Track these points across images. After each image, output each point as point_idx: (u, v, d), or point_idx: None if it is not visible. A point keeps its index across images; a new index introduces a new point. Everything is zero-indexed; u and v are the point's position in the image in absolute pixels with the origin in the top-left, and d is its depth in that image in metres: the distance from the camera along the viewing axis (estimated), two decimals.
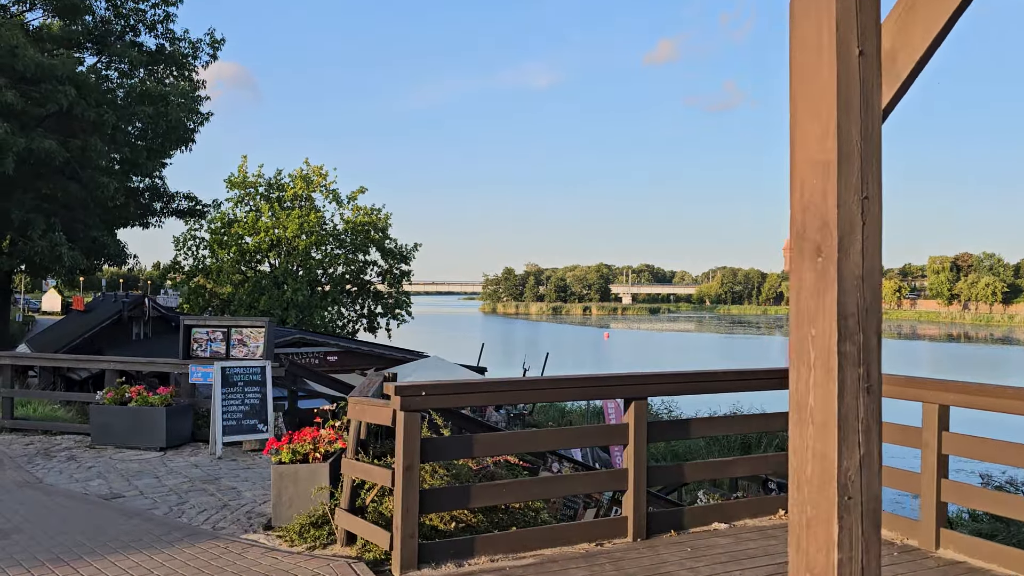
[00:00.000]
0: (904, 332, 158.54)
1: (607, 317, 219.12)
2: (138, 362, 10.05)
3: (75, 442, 9.73)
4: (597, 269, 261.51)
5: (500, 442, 6.14)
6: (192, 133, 22.15)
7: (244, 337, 9.47)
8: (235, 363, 8.99)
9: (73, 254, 19.81)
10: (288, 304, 50.20)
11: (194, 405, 9.71)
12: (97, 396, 9.62)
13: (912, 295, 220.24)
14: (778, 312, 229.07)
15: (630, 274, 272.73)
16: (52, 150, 18.72)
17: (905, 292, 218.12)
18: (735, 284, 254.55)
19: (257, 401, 9.01)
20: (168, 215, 24.87)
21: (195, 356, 9.78)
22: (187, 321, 9.63)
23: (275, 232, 51.55)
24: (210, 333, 9.61)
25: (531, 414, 35.34)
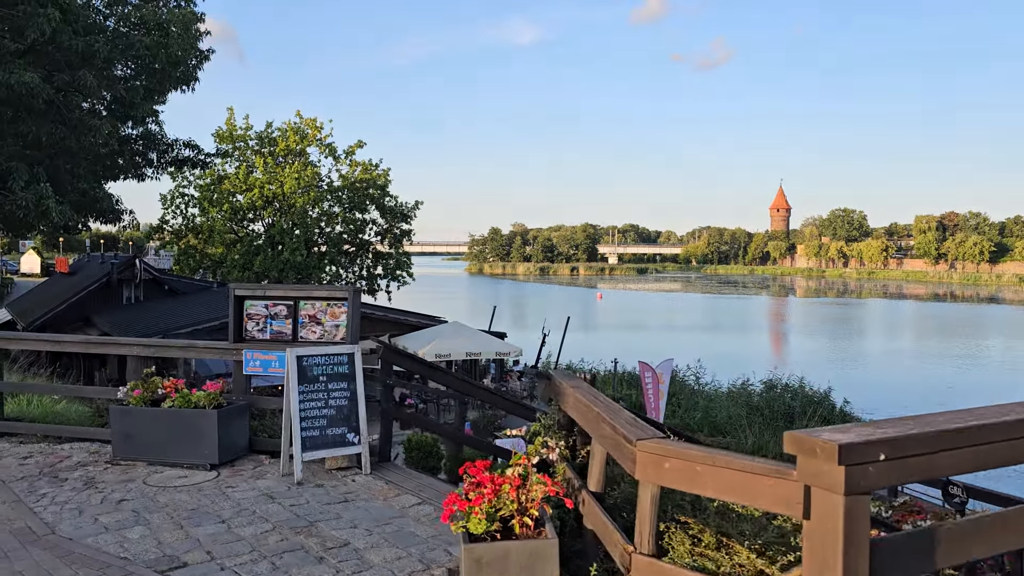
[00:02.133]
0: (891, 292, 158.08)
1: (595, 277, 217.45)
2: (173, 346, 7.46)
3: (89, 453, 7.24)
4: (583, 229, 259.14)
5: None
6: (195, 70, 19.18)
7: (318, 312, 6.97)
8: (313, 349, 6.49)
9: (62, 208, 17.01)
10: (284, 265, 47.45)
11: (251, 404, 7.22)
12: (120, 392, 7.09)
13: (899, 255, 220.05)
14: (764, 272, 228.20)
15: (616, 234, 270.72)
16: (34, 85, 15.83)
17: (892, 252, 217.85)
18: (722, 244, 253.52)
19: (345, 401, 6.53)
20: (167, 166, 21.96)
21: (250, 338, 7.26)
22: (239, 291, 7.08)
23: (269, 188, 48.56)
24: (270, 307, 7.09)
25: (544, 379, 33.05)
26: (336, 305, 6.97)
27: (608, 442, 3.32)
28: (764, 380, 32.82)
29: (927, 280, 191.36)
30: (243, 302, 7.24)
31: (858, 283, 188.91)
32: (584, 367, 40.67)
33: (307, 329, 7.09)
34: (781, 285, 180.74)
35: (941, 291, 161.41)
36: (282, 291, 7.08)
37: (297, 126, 50.64)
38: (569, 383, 4.45)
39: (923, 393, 42.28)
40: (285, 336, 7.18)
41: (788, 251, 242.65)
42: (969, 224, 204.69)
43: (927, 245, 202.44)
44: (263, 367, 7.09)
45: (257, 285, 6.90)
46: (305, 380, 6.41)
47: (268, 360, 7.07)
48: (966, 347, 63.56)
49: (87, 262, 40.25)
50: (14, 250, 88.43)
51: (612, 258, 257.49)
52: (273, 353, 7.07)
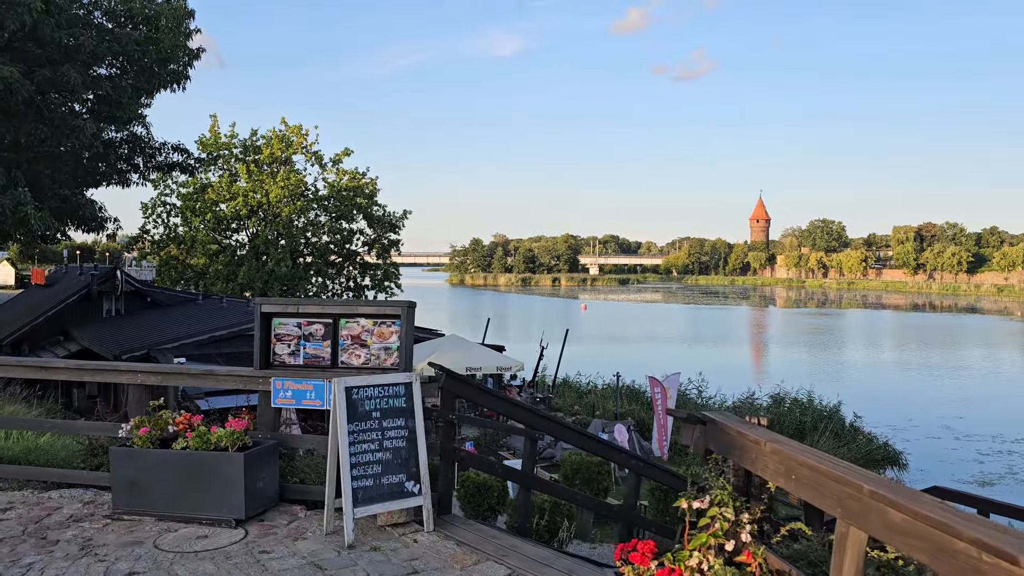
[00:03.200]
0: (872, 302, 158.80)
1: (576, 288, 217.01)
2: (187, 373, 6.19)
3: (84, 504, 5.99)
4: (565, 240, 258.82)
5: None
6: (186, 68, 17.92)
7: (363, 332, 5.79)
8: (364, 379, 5.31)
9: (41, 215, 15.69)
10: (269, 276, 46.04)
11: (281, 444, 6.00)
12: (122, 430, 5.86)
13: (878, 265, 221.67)
14: (745, 282, 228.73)
15: (596, 245, 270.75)
16: (12, 80, 14.53)
17: (871, 262, 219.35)
18: (702, 254, 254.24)
19: (402, 442, 5.34)
20: (154, 171, 20.62)
21: (279, 363, 6.06)
22: (267, 307, 5.89)
23: (254, 197, 47.14)
24: (305, 326, 5.90)
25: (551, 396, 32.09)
26: (385, 324, 5.79)
27: (905, 539, 2.20)
28: (771, 394, 31.88)
29: (906, 290, 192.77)
30: (271, 320, 6.04)
31: (838, 293, 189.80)
32: (581, 381, 39.59)
33: (349, 353, 5.90)
34: (762, 296, 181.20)
35: (921, 301, 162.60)
36: (319, 307, 5.89)
37: (282, 133, 49.30)
38: (754, 433, 3.34)
39: (926, 406, 41.58)
40: (323, 361, 5.98)
41: (768, 261, 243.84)
42: (946, 235, 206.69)
43: (906, 255, 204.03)
44: (296, 399, 5.89)
45: (289, 300, 5.71)
46: (356, 417, 5.21)
47: (303, 391, 5.87)
48: (962, 358, 63.24)
49: (65, 273, 38.62)
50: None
51: (593, 269, 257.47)
52: (309, 382, 5.88)
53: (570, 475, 18.96)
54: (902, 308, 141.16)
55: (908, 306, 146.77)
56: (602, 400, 34.93)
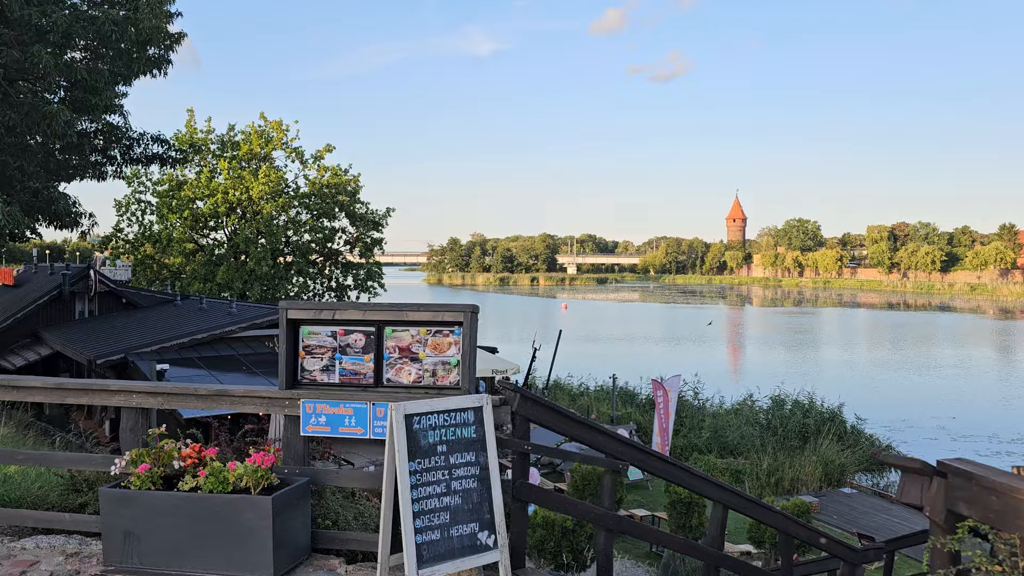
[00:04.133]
0: (849, 300, 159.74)
1: (555, 287, 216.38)
2: (193, 394, 4.98)
3: (67, 557, 4.83)
4: (543, 239, 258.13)
5: None
6: (167, 52, 16.63)
7: (414, 343, 4.69)
8: (425, 404, 4.22)
9: (9, 210, 14.36)
10: (249, 276, 44.58)
11: (314, 481, 4.88)
12: (116, 465, 4.71)
13: (853, 264, 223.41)
14: (722, 281, 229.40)
15: (574, 244, 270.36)
16: None
17: (846, 261, 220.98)
18: (679, 254, 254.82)
19: (473, 483, 4.24)
20: (131, 163, 19.27)
21: (309, 381, 4.94)
22: (294, 312, 4.75)
23: (234, 194, 45.62)
24: (340, 335, 4.80)
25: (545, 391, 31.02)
26: (442, 333, 4.69)
27: None
28: (771, 395, 31.08)
29: (881, 289, 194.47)
30: (299, 329, 4.91)
31: (814, 292, 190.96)
32: (572, 383, 38.58)
33: (397, 369, 4.79)
34: (739, 295, 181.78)
35: (896, 299, 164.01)
36: (359, 312, 4.77)
37: (261, 129, 47.82)
38: None
39: (919, 406, 41.07)
40: (364, 378, 4.86)
41: (745, 261, 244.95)
42: (919, 234, 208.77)
43: (880, 255, 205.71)
44: (332, 426, 4.78)
45: (322, 305, 4.60)
46: (418, 452, 4.11)
47: (340, 415, 4.76)
48: (948, 356, 63.08)
49: (35, 273, 36.94)
50: None
51: (571, 268, 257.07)
52: (348, 405, 4.76)
53: (580, 487, 17.97)
54: (878, 306, 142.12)
55: (883, 304, 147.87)
56: (596, 403, 33.96)
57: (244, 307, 27.51)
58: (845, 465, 25.96)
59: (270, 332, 25.73)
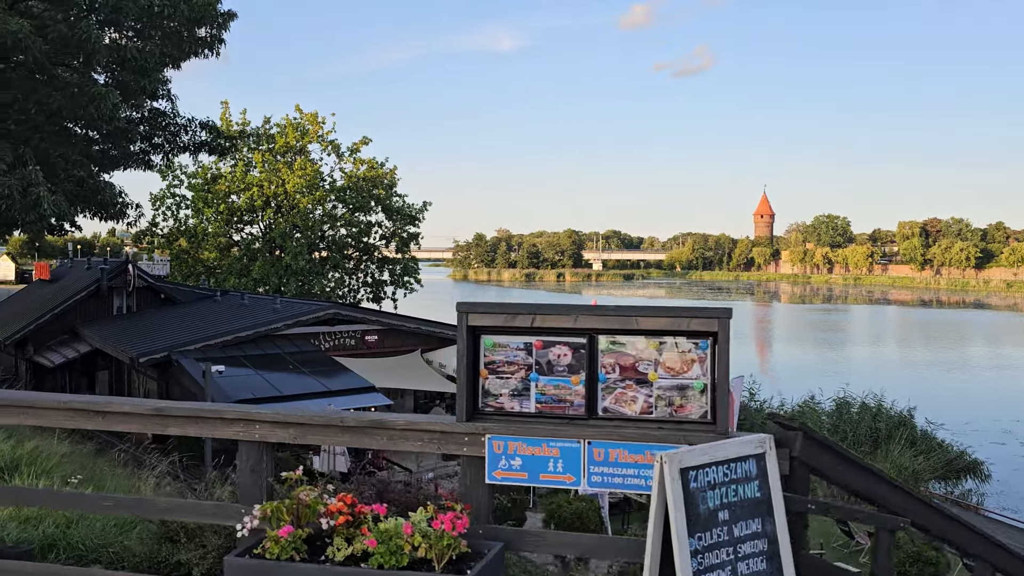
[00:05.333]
0: (876, 297, 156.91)
1: (581, 283, 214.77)
2: (340, 424, 3.70)
3: None
4: (569, 235, 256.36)
5: None
6: (220, 31, 15.50)
7: (641, 359, 3.45)
8: (700, 454, 2.95)
9: (56, 199, 13.30)
10: (285, 271, 43.69)
11: (509, 547, 3.62)
12: (243, 526, 3.50)
13: (884, 260, 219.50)
14: (750, 278, 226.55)
15: (599, 240, 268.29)
16: (23, 36, 12.13)
17: (877, 257, 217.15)
18: (706, 250, 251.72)
19: (762, 564, 2.99)
20: (178, 151, 18.19)
21: (491, 409, 3.69)
22: (477, 317, 3.54)
23: (269, 187, 44.75)
24: (538, 347, 3.55)
25: None
26: (680, 347, 3.43)
27: None
28: (834, 397, 29.55)
29: (914, 286, 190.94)
30: (479, 339, 3.68)
31: (844, 289, 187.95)
32: None
33: (617, 394, 3.54)
34: (767, 291, 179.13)
35: (929, 297, 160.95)
36: (568, 318, 3.53)
37: (297, 122, 46.86)
38: None
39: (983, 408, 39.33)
40: (570, 407, 3.61)
41: (772, 257, 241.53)
42: (952, 230, 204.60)
43: (913, 251, 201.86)
44: (530, 470, 3.54)
45: (515, 306, 3.38)
46: (698, 522, 2.86)
47: (541, 457, 3.52)
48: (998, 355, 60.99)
49: (70, 268, 36.21)
50: None
51: (596, 264, 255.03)
52: (553, 444, 3.52)
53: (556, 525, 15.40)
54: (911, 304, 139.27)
55: (916, 302, 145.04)
56: None
57: (288, 303, 26.47)
58: (920, 472, 24.49)
59: (316, 329, 24.68)
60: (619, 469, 3.47)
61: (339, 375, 22.19)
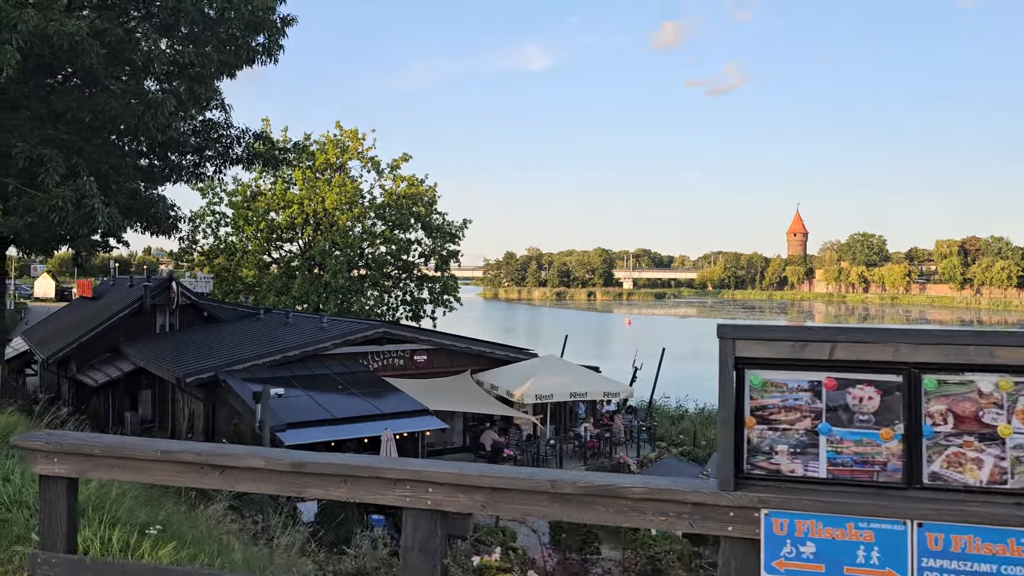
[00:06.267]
0: (913, 317, 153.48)
1: (612, 302, 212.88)
2: (547, 490, 2.74)
3: None
4: (599, 254, 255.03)
5: None
6: (278, 37, 14.76)
7: (987, 403, 2.39)
8: None
9: (110, 212, 12.55)
10: (325, 289, 43.10)
11: None
12: None
13: (921, 279, 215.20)
14: (783, 297, 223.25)
15: (630, 259, 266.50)
16: (80, 38, 11.44)
17: (915, 276, 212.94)
18: (738, 268, 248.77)
19: None
20: (231, 163, 17.47)
21: (763, 472, 2.66)
22: (746, 343, 2.51)
23: (309, 204, 44.28)
24: (830, 387, 2.52)
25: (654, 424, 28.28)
26: None
27: None
28: None
29: (954, 305, 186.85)
30: (744, 375, 2.67)
31: (881, 308, 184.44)
32: (670, 404, 35.97)
33: (951, 455, 2.53)
34: (801, 311, 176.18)
35: (969, 316, 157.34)
36: (875, 347, 2.52)
37: (337, 138, 46.46)
38: None
39: None
40: (881, 472, 2.60)
41: (806, 276, 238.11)
42: (991, 249, 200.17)
43: (952, 270, 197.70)
44: (828, 561, 2.53)
45: (798, 330, 2.33)
46: None
47: (846, 543, 2.54)
48: None
49: (112, 285, 35.83)
50: (25, 274, 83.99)
51: (627, 283, 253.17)
52: (864, 525, 2.50)
53: None
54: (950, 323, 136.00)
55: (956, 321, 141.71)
56: (702, 428, 31.30)
57: (335, 322, 25.69)
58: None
59: (364, 349, 23.84)
60: (969, 564, 2.44)
61: (390, 396, 21.28)
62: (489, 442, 23.39)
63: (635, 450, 26.07)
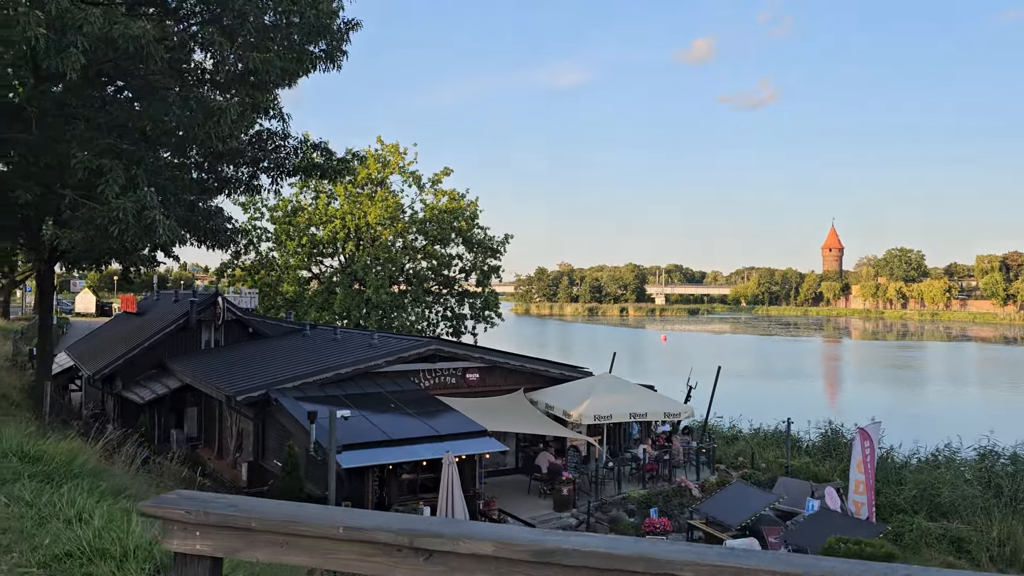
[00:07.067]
0: (955, 334, 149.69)
1: (645, 318, 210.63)
2: None
3: None
4: (630, 269, 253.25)
5: None
6: (340, 43, 14.13)
7: None
8: None
9: (171, 224, 11.94)
10: (366, 304, 42.58)
11: None
12: None
13: (962, 295, 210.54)
14: (819, 313, 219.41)
15: (661, 274, 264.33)
16: (145, 43, 10.87)
17: (955, 292, 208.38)
18: (772, 284, 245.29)
19: None
20: (287, 175, 16.85)
21: None
22: None
23: (351, 219, 43.88)
24: None
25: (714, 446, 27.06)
26: None
27: None
28: (977, 447, 26.68)
29: (997, 322, 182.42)
30: None
31: (920, 324, 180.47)
32: (723, 424, 34.78)
33: None
34: (837, 327, 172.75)
35: (1012, 333, 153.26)
36: None
37: (378, 153, 46.08)
38: None
39: None
40: None
41: (842, 292, 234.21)
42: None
43: (994, 286, 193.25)
44: None
45: None
46: None
47: None
48: None
49: (156, 301, 35.55)
50: (65, 289, 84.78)
51: (659, 299, 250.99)
52: None
53: None
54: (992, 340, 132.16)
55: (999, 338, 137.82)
56: (759, 449, 30.09)
57: (385, 338, 24.98)
58: None
59: (415, 366, 23.10)
60: None
61: (445, 416, 20.47)
62: (545, 464, 22.49)
63: (694, 473, 25.01)
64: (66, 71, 10.20)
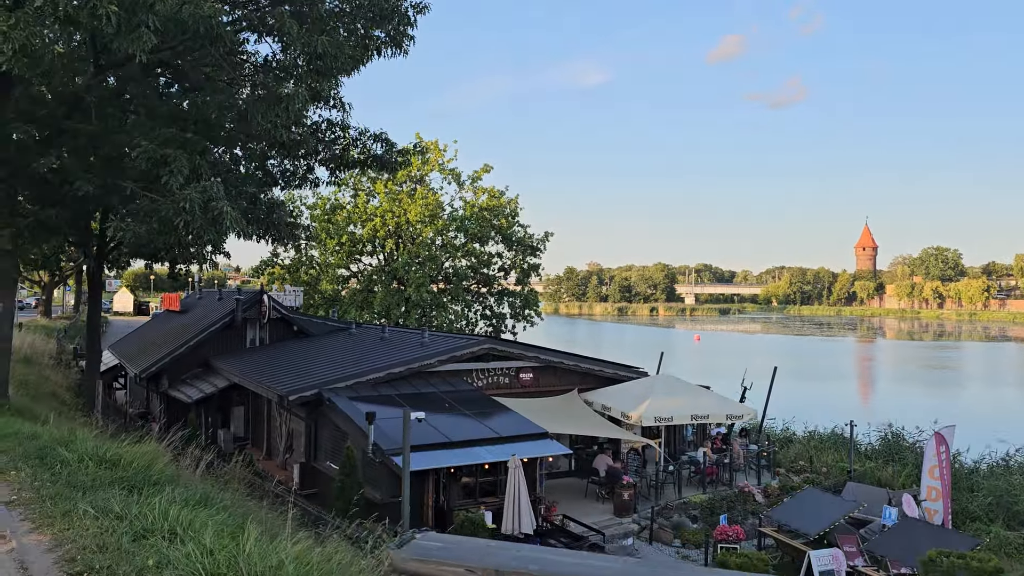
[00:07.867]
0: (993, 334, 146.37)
1: (675, 318, 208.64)
2: None
3: None
4: (659, 268, 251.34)
5: None
6: (406, 27, 13.48)
7: None
8: None
9: (236, 215, 11.37)
10: (406, 302, 42.08)
11: None
12: None
13: (1001, 295, 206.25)
14: (852, 313, 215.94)
15: (691, 274, 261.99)
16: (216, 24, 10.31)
17: (994, 291, 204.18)
18: (804, 284, 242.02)
19: None
20: (347, 167, 16.25)
21: None
22: None
23: (392, 217, 43.41)
24: None
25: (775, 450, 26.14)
26: None
27: None
28: None
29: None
30: None
31: (957, 325, 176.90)
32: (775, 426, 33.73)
33: None
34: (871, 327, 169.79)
35: None
36: None
37: (417, 148, 45.52)
38: None
39: None
40: None
41: (876, 291, 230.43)
42: None
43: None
44: None
45: None
46: None
47: None
48: None
49: (199, 299, 35.27)
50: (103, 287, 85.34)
51: (689, 298, 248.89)
52: None
53: None
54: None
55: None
56: (816, 452, 29.07)
57: (436, 337, 24.35)
58: None
59: (469, 366, 22.46)
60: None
61: (503, 417, 19.80)
62: (603, 467, 21.72)
63: (755, 477, 24.11)
64: (136, 53, 9.64)
